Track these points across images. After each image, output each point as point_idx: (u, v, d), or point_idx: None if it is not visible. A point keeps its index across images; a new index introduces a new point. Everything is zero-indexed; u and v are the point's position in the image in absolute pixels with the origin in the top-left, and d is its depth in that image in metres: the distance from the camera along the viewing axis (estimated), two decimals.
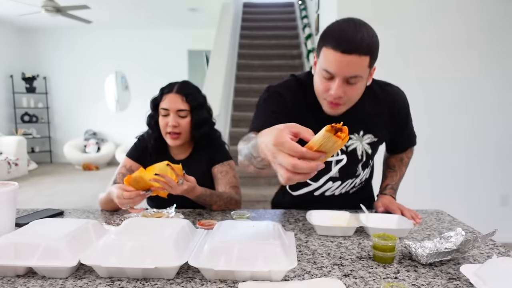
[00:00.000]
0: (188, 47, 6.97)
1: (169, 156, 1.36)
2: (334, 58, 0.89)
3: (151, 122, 1.33)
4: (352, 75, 0.91)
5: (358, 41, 0.87)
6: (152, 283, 0.69)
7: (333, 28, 0.91)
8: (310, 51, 4.25)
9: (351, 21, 0.91)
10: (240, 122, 4.06)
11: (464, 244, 0.75)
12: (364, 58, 0.90)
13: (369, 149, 1.12)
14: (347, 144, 1.09)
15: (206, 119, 1.33)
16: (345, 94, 0.94)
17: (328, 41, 0.90)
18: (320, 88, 0.97)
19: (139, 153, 1.36)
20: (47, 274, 0.71)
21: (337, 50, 0.88)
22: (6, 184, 0.90)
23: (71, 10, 4.67)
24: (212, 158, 1.35)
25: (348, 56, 0.88)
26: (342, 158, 1.10)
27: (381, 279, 0.70)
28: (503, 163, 2.87)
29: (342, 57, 0.88)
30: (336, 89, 0.92)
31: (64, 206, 1.29)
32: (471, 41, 2.76)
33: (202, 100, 1.32)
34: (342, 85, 0.92)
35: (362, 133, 1.09)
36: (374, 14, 2.76)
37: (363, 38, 0.88)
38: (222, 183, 1.31)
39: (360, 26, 0.90)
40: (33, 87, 6.81)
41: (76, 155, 6.35)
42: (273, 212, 1.19)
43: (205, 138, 1.33)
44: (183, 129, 1.27)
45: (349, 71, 0.90)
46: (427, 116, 2.82)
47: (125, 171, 1.32)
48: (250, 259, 0.69)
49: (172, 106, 1.25)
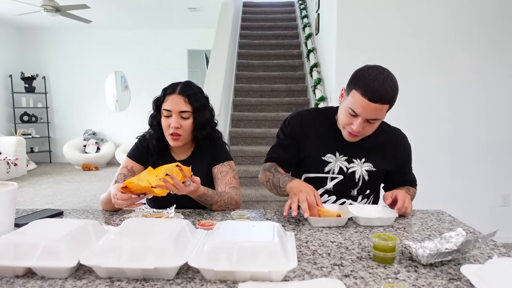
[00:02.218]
0: (188, 47, 6.97)
1: (170, 156, 1.36)
2: (361, 103, 1.07)
3: (153, 123, 1.33)
4: (373, 118, 1.10)
5: (383, 93, 1.05)
6: (152, 284, 0.68)
7: (365, 75, 1.08)
8: (310, 51, 4.25)
9: (379, 73, 1.08)
10: (240, 122, 4.05)
11: (464, 244, 0.75)
12: (385, 106, 1.08)
13: (366, 175, 1.26)
14: (348, 166, 1.25)
15: (208, 120, 1.32)
16: (363, 129, 1.14)
17: (358, 86, 1.08)
18: (344, 121, 1.16)
19: (140, 154, 1.35)
20: (46, 274, 0.71)
21: (365, 97, 1.06)
22: (5, 184, 0.90)
23: (70, 10, 4.66)
24: (213, 158, 1.35)
25: (373, 104, 1.06)
26: (338, 177, 1.26)
27: (382, 279, 0.70)
28: (504, 163, 2.87)
29: (368, 104, 1.06)
30: (358, 126, 1.12)
31: (64, 206, 1.29)
32: (471, 41, 2.76)
33: (204, 101, 1.31)
34: (362, 123, 1.12)
35: (363, 160, 1.25)
36: (373, 14, 2.76)
37: (387, 91, 1.06)
38: (222, 183, 1.31)
39: (387, 79, 1.07)
40: (32, 87, 6.80)
41: (76, 155, 6.34)
42: (273, 212, 1.19)
43: (207, 139, 1.33)
44: (185, 130, 1.27)
45: (371, 114, 1.09)
46: (427, 116, 2.82)
47: (126, 171, 1.32)
48: (250, 259, 0.68)
49: (174, 107, 1.25)
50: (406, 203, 1.11)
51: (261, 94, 4.46)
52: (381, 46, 2.77)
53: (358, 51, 2.78)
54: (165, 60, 6.91)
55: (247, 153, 3.47)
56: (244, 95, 4.45)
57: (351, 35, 2.79)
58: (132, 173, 1.31)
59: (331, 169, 1.25)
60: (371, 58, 2.80)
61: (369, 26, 2.76)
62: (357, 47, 2.78)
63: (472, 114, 2.83)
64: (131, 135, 1.62)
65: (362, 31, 2.77)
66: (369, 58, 2.83)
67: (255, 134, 3.76)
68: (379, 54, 2.77)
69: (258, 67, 4.88)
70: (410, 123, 2.77)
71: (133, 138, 1.45)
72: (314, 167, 1.28)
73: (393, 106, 1.13)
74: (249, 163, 3.47)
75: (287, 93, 4.44)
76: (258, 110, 4.24)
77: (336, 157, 1.25)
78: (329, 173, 1.26)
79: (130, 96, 7.07)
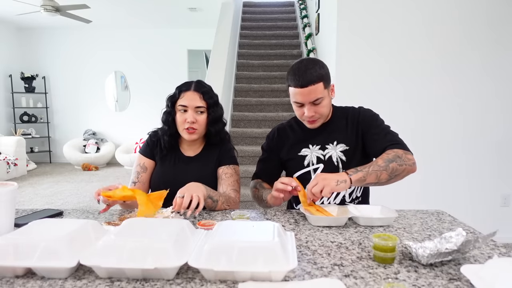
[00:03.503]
0: (188, 46, 6.97)
1: (179, 152, 1.41)
2: (297, 93, 1.21)
3: (168, 119, 1.38)
4: (314, 99, 1.21)
5: (308, 76, 1.18)
6: (152, 284, 0.68)
7: (290, 71, 1.23)
8: (310, 51, 4.25)
9: (299, 62, 1.23)
10: (240, 122, 4.05)
11: (464, 244, 0.75)
12: (318, 85, 1.20)
13: (343, 156, 1.31)
14: (324, 153, 1.33)
15: (221, 116, 1.40)
16: (316, 112, 1.24)
17: (289, 81, 1.23)
18: (298, 114, 1.29)
19: (150, 149, 1.42)
20: (46, 274, 0.71)
21: (296, 87, 1.20)
22: (5, 184, 0.90)
23: (70, 10, 4.66)
24: (220, 159, 1.41)
25: (305, 88, 1.19)
26: (318, 166, 1.32)
27: (382, 279, 0.70)
28: (504, 163, 2.87)
29: (302, 91, 1.20)
30: (309, 111, 1.24)
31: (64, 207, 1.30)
32: (471, 40, 2.76)
33: (216, 99, 1.40)
34: (311, 108, 1.23)
35: (336, 143, 1.33)
36: (373, 14, 2.76)
37: (310, 73, 1.18)
38: (224, 184, 1.36)
39: (307, 64, 1.20)
40: (32, 87, 6.79)
41: (76, 155, 6.33)
42: (273, 212, 1.19)
43: (218, 135, 1.40)
44: (200, 125, 1.34)
45: (311, 97, 1.21)
46: (428, 116, 2.82)
47: (139, 169, 1.39)
48: (250, 259, 0.68)
49: (190, 103, 1.32)
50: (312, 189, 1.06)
51: (261, 94, 4.46)
52: (381, 46, 2.77)
53: (358, 51, 2.78)
54: (165, 60, 6.90)
55: (247, 153, 3.47)
56: (244, 95, 4.45)
57: (351, 35, 2.79)
58: (144, 169, 1.39)
59: (309, 161, 1.34)
60: (371, 58, 2.81)
61: (369, 26, 2.76)
62: (357, 48, 2.78)
63: (472, 114, 2.83)
64: (131, 135, 1.65)
65: (362, 31, 2.77)
66: (369, 58, 2.84)
67: (255, 134, 3.75)
68: (380, 54, 2.77)
69: (258, 67, 4.88)
70: (412, 122, 2.78)
71: (133, 138, 1.50)
72: (296, 166, 1.36)
73: (395, 106, 1.13)
74: (249, 163, 3.47)
75: (287, 93, 4.39)
76: (258, 110, 4.24)
77: (311, 149, 1.34)
78: (310, 165, 1.33)
79: (130, 96, 7.06)
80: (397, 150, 1.18)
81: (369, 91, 2.76)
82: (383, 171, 1.13)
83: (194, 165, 1.39)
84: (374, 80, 2.78)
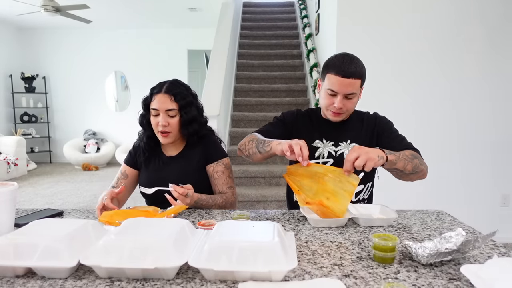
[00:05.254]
0: (188, 46, 6.97)
1: (161, 153, 1.41)
2: (337, 81, 1.21)
3: (143, 122, 1.39)
4: (350, 92, 1.23)
5: (353, 69, 1.20)
6: (152, 284, 0.68)
7: (334, 60, 1.24)
8: (310, 51, 4.25)
9: (346, 55, 1.24)
10: (240, 122, 4.05)
11: (464, 244, 0.75)
12: (357, 81, 1.22)
13: None
14: (336, 149, 1.34)
15: (195, 117, 1.35)
16: (344, 106, 1.25)
17: (331, 69, 1.23)
18: (327, 102, 1.28)
19: (132, 157, 1.43)
20: (46, 274, 0.71)
21: (338, 75, 1.20)
22: (5, 184, 0.90)
23: (70, 10, 4.66)
24: (206, 156, 1.38)
25: (347, 79, 1.20)
26: (328, 161, 1.33)
27: (382, 279, 0.70)
28: (504, 163, 2.87)
29: (343, 80, 1.20)
30: (339, 102, 1.24)
31: (64, 206, 1.31)
32: (469, 41, 2.76)
33: (190, 99, 1.35)
34: (342, 100, 1.24)
35: (349, 142, 1.34)
36: (373, 14, 2.76)
37: (357, 67, 1.21)
38: (219, 184, 1.36)
39: (353, 58, 1.23)
40: (32, 87, 6.80)
41: (76, 155, 6.34)
42: (273, 212, 1.19)
43: (194, 136, 1.37)
44: (173, 128, 1.31)
45: (348, 89, 1.22)
46: (428, 116, 2.82)
47: (120, 175, 1.41)
48: (250, 259, 0.68)
49: (161, 106, 1.29)
50: (356, 162, 1.02)
51: (261, 94, 4.46)
52: (382, 46, 2.77)
53: (358, 51, 2.77)
54: (165, 60, 6.90)
55: None
56: (244, 95, 4.45)
57: (352, 36, 2.79)
58: (125, 176, 1.40)
59: (321, 153, 1.34)
60: (371, 59, 2.81)
61: (369, 26, 2.76)
62: (357, 48, 2.78)
63: (472, 115, 2.83)
64: (131, 135, 1.67)
65: (362, 32, 2.77)
66: (369, 59, 2.84)
67: None
68: (380, 54, 2.77)
69: (258, 67, 4.88)
70: (412, 123, 2.77)
71: (133, 138, 1.51)
72: None
73: (395, 106, 1.14)
74: (249, 163, 3.47)
75: (287, 93, 4.44)
76: (258, 110, 4.24)
77: (324, 143, 1.35)
78: (320, 158, 1.34)
79: (130, 96, 7.06)
80: (415, 153, 1.23)
81: (369, 91, 2.76)
82: (409, 162, 1.15)
83: (176, 164, 1.37)
84: (374, 80, 2.78)
